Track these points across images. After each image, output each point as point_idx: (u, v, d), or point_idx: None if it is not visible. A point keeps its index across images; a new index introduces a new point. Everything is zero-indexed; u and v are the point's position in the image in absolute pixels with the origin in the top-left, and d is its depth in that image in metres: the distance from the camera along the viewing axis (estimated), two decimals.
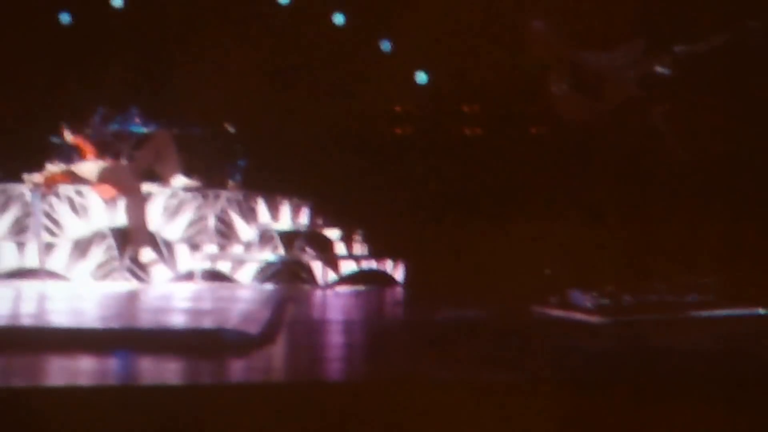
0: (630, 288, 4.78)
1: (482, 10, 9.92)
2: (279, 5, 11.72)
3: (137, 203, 8.58)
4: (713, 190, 5.59)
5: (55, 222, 8.79)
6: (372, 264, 9.27)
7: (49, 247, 8.63)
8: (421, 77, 11.73)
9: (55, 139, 9.37)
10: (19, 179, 8.90)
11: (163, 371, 4.12)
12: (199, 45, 11.23)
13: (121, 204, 8.67)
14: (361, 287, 8.78)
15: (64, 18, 11.56)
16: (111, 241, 8.72)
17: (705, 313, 4.52)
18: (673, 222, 5.71)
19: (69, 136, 8.92)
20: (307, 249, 9.23)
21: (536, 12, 5.61)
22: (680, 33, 5.43)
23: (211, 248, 9.02)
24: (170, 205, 8.97)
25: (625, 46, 5.40)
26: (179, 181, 8.87)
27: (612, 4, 5.46)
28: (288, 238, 9.23)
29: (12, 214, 8.81)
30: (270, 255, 9.08)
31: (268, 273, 8.95)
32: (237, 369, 4.28)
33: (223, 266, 8.91)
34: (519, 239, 8.87)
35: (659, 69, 5.38)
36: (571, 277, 5.37)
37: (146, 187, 8.81)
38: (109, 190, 8.71)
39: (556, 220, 5.83)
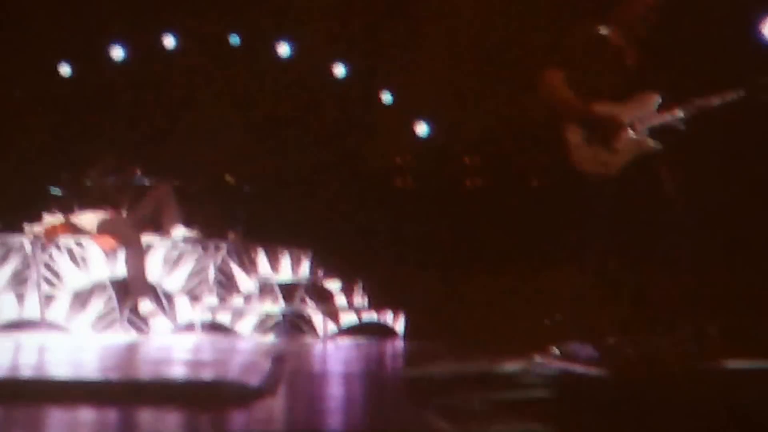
0: (631, 340, 4.80)
1: (485, 62, 10.02)
2: (280, 58, 11.83)
3: (137, 254, 8.62)
4: (717, 241, 5.62)
5: (55, 273, 8.82)
6: (372, 315, 9.27)
7: (49, 299, 8.65)
8: (422, 129, 11.81)
9: (54, 191, 9.43)
10: (19, 230, 8.95)
11: (163, 423, 4.13)
12: (200, 96, 11.34)
13: (121, 255, 8.70)
14: (361, 339, 8.78)
15: (65, 69, 11.66)
16: (111, 292, 8.74)
17: (707, 366, 4.54)
18: (676, 274, 5.73)
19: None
20: (308, 300, 9.24)
21: (546, 64, 5.67)
22: (694, 87, 5.49)
23: (211, 300, 9.03)
24: (170, 256, 9.00)
25: (639, 99, 5.45)
26: (179, 231, 8.91)
27: (626, 56, 5.53)
28: (288, 289, 9.24)
29: (12, 265, 8.83)
30: (270, 306, 9.09)
31: (268, 324, 8.97)
32: (237, 421, 4.29)
33: (224, 318, 8.93)
34: (520, 290, 8.89)
35: (673, 123, 5.45)
36: (572, 328, 5.39)
37: (146, 238, 8.85)
38: (109, 242, 8.75)
39: (557, 271, 5.86)
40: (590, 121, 5.33)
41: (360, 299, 9.56)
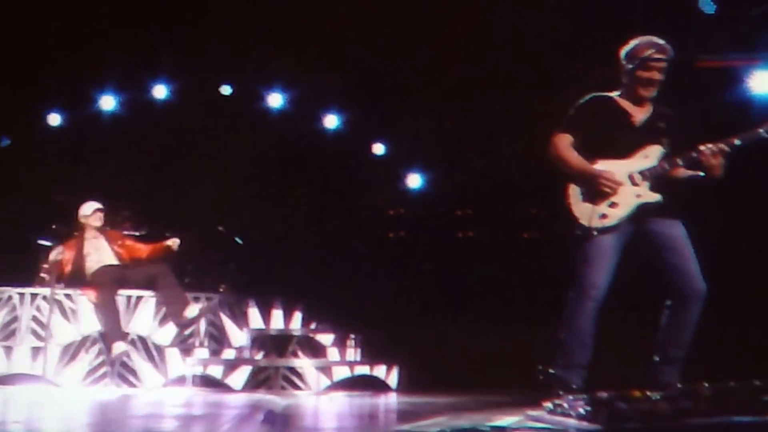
0: (623, 395, 4.86)
1: (479, 114, 10.14)
2: (272, 108, 11.94)
3: (108, 302, 8.67)
4: (716, 294, 5.70)
5: (44, 326, 8.86)
6: (365, 369, 9.29)
7: (37, 352, 8.67)
8: (414, 181, 11.92)
9: (44, 242, 9.49)
10: (7, 283, 9.00)
11: None
12: (192, 148, 11.41)
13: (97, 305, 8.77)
14: (354, 393, 8.79)
15: (55, 119, 11.77)
16: (101, 345, 8.77)
17: (698, 421, 4.60)
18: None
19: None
20: (300, 353, 9.27)
21: (540, 120, 5.82)
22: (697, 136, 5.61)
23: (202, 353, 9.06)
24: (161, 309, 9.04)
25: (642, 152, 5.58)
26: (193, 311, 8.91)
27: (632, 118, 5.64)
28: (280, 342, 9.27)
29: (0, 318, 8.88)
30: (262, 360, 9.11)
31: (260, 378, 8.97)
32: None
33: (215, 371, 8.94)
34: (513, 343, 8.95)
35: (675, 174, 5.57)
36: (564, 382, 5.45)
37: (139, 292, 8.93)
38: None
39: (551, 325, 5.92)
40: (590, 177, 5.46)
41: (352, 352, 9.59)
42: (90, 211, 9.45)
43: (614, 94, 5.75)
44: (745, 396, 4.91)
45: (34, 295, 9.03)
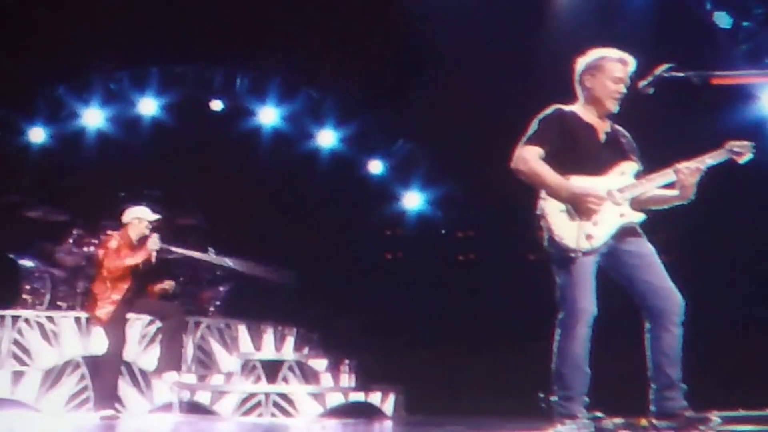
0: (629, 423, 4.92)
1: (479, 132, 10.19)
2: (265, 126, 12.00)
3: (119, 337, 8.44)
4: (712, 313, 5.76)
5: (25, 350, 8.89)
6: (360, 396, 9.30)
7: (18, 376, 8.69)
8: (413, 201, 11.97)
9: (26, 263, 9.53)
10: None
11: None
12: (180, 166, 11.44)
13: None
14: (348, 420, 8.80)
15: (38, 134, 11.82)
16: (84, 370, 8.79)
17: None
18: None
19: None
20: (292, 379, 9.28)
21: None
22: (671, 154, 5.65)
23: (190, 378, 9.08)
24: (147, 333, 9.05)
25: (616, 170, 5.60)
26: (171, 377, 8.36)
27: (598, 132, 5.68)
28: (271, 368, 9.28)
29: None
30: (252, 386, 9.12)
31: (250, 405, 8.96)
32: None
33: (203, 397, 8.94)
34: (517, 370, 9.00)
35: (652, 191, 5.60)
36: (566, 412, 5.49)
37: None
38: None
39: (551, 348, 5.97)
40: (574, 195, 5.43)
41: (347, 378, 9.60)
42: (129, 218, 8.43)
43: (574, 107, 5.70)
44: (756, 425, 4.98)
45: (15, 318, 9.06)
